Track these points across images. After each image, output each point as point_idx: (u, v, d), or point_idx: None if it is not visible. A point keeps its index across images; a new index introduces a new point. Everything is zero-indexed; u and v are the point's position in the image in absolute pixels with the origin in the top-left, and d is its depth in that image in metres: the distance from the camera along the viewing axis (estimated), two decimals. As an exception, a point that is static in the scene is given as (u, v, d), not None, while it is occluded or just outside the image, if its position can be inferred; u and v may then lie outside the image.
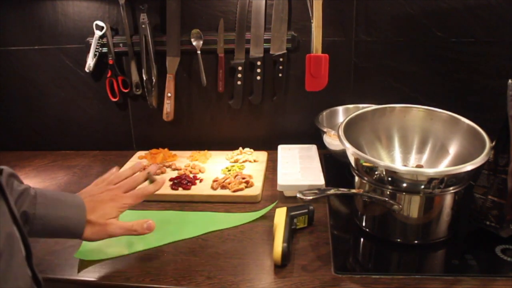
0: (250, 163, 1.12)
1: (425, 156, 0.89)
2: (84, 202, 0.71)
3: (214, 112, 1.24)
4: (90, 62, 1.18)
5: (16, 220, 0.50)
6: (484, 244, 0.77)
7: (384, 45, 1.12)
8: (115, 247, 0.79)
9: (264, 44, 1.14)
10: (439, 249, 0.78)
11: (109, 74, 1.19)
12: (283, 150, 1.15)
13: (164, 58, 1.17)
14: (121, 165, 1.12)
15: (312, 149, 1.15)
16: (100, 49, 1.18)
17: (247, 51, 1.15)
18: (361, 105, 1.14)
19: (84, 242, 0.80)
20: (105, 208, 0.72)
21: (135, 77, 1.20)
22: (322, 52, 1.05)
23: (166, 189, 0.97)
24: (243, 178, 0.99)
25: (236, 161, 1.13)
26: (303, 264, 0.73)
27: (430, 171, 0.73)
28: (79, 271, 0.73)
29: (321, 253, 0.76)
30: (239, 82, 1.17)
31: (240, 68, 1.15)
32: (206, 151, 1.20)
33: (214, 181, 1.00)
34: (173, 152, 1.20)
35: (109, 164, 1.19)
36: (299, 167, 1.03)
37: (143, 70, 1.18)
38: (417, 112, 0.91)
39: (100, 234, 0.71)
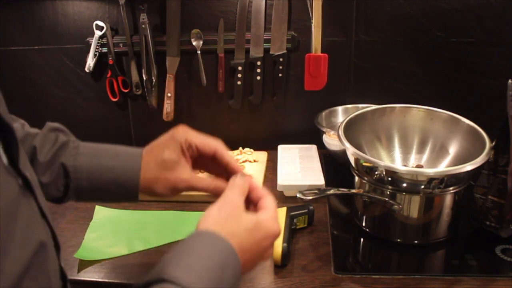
0: (250, 163, 1.12)
1: (425, 156, 0.89)
2: (142, 151, 0.59)
3: (214, 112, 1.23)
4: (90, 62, 1.17)
5: (45, 216, 0.44)
6: (484, 244, 0.77)
7: (384, 45, 1.12)
8: (115, 247, 0.79)
9: (264, 44, 1.14)
10: (439, 249, 0.78)
11: (109, 74, 1.19)
12: (283, 150, 1.15)
13: (164, 58, 1.17)
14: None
15: (312, 149, 1.14)
16: (100, 49, 1.17)
17: (247, 51, 1.15)
18: (360, 105, 1.14)
19: (84, 242, 0.80)
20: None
21: (135, 77, 1.19)
22: (322, 52, 1.05)
23: (166, 189, 0.97)
24: (243, 178, 0.99)
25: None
26: (303, 264, 0.73)
27: (430, 171, 0.73)
28: (79, 271, 0.73)
29: (321, 253, 0.76)
30: (239, 82, 1.17)
31: (240, 68, 1.15)
32: (206, 151, 1.20)
33: (214, 181, 1.00)
34: (173, 152, 1.19)
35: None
36: (299, 167, 1.03)
37: (143, 70, 1.18)
38: (417, 112, 0.91)
39: (164, 189, 0.57)
